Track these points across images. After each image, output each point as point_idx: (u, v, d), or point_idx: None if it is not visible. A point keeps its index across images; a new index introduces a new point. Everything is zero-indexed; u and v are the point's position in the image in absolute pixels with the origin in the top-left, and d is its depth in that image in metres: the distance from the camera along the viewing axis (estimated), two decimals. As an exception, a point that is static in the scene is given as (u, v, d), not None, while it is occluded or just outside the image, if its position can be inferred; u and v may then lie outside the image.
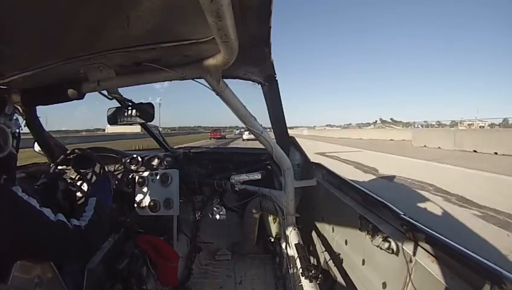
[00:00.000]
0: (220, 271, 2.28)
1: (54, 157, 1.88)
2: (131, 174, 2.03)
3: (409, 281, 0.85)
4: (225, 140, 31.43)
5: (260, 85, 1.75)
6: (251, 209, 2.14)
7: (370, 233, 1.07)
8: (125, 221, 1.69)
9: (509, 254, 2.95)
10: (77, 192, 1.56)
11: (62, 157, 1.70)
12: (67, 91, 1.35)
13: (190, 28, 0.92)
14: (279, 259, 2.16)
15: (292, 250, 1.52)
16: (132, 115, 1.48)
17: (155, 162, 2.13)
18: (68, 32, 0.92)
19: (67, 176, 1.66)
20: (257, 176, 1.92)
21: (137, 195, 1.87)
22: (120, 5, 0.78)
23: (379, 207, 1.12)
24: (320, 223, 1.79)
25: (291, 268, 1.59)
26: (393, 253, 0.95)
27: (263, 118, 1.75)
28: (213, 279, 2.18)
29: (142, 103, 1.49)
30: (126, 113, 1.49)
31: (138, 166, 2.11)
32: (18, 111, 1.06)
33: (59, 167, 1.73)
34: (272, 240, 2.22)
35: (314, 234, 1.87)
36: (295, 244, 1.49)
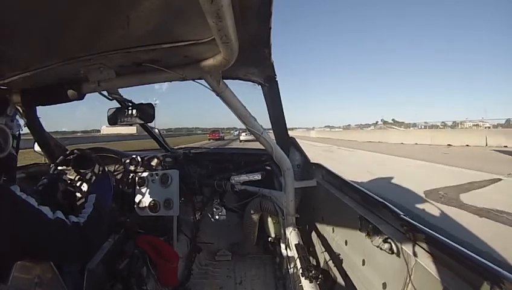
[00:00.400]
0: (220, 271, 2.28)
1: (54, 157, 1.88)
2: (131, 174, 2.03)
3: (409, 281, 0.85)
4: (222, 141, 31.22)
5: (260, 86, 1.76)
6: (251, 209, 2.14)
7: (370, 233, 1.07)
8: (125, 221, 1.69)
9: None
10: (77, 192, 1.56)
11: (62, 157, 1.71)
12: (67, 92, 1.35)
13: (190, 29, 0.92)
14: (279, 259, 2.16)
15: (292, 250, 1.52)
16: (132, 116, 1.49)
17: (155, 162, 2.13)
18: (68, 32, 0.92)
19: (66, 177, 1.67)
20: (257, 177, 1.92)
21: (137, 195, 1.87)
22: (120, 6, 0.78)
23: (379, 207, 1.12)
24: (320, 223, 1.79)
25: (291, 268, 1.59)
26: (393, 253, 0.95)
27: (263, 119, 1.75)
28: (213, 279, 2.18)
29: (142, 104, 1.49)
30: (126, 113, 1.50)
31: (138, 166, 2.11)
32: (18, 111, 1.05)
33: (59, 168, 1.73)
34: (272, 241, 2.22)
35: (314, 235, 1.87)
36: (295, 244, 1.49)
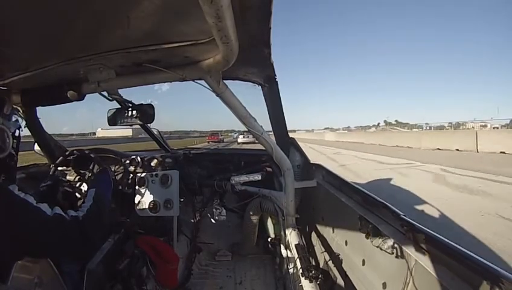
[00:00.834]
0: (220, 272, 2.28)
1: (54, 158, 1.88)
2: (131, 175, 2.03)
3: (409, 281, 0.85)
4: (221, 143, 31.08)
5: (260, 86, 1.76)
6: (251, 210, 2.14)
7: (370, 234, 1.07)
8: (125, 221, 1.69)
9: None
10: (77, 193, 1.56)
11: (62, 158, 1.71)
12: (67, 92, 1.35)
13: (190, 29, 0.92)
14: (279, 260, 2.16)
15: (292, 251, 1.52)
16: (132, 116, 1.49)
17: (155, 163, 2.13)
18: (68, 32, 0.92)
19: (66, 177, 1.67)
20: (257, 177, 1.92)
21: (137, 196, 1.87)
22: (120, 6, 0.78)
23: (379, 208, 1.12)
24: (320, 223, 1.79)
25: (291, 269, 1.59)
26: (393, 253, 0.95)
27: (264, 120, 1.75)
28: (213, 279, 2.18)
29: (142, 104, 1.49)
30: (126, 114, 1.50)
31: (138, 167, 2.11)
32: (18, 112, 1.06)
33: (59, 168, 1.73)
34: (272, 241, 2.22)
35: (314, 235, 1.87)
36: (295, 244, 1.49)
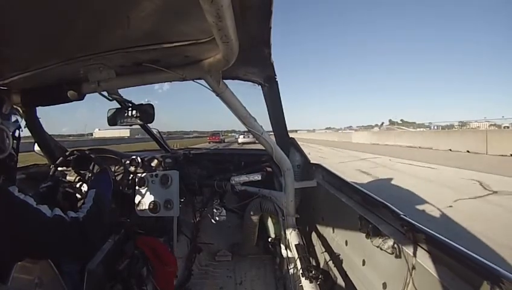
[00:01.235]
0: (220, 272, 2.28)
1: (54, 158, 1.88)
2: (131, 175, 2.03)
3: (409, 281, 0.85)
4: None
5: (260, 86, 1.76)
6: (251, 210, 2.14)
7: (370, 234, 1.07)
8: (125, 222, 1.69)
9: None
10: (77, 193, 1.56)
11: (62, 158, 1.70)
12: (67, 92, 1.35)
13: (190, 29, 0.92)
14: (279, 260, 2.16)
15: (292, 251, 1.52)
16: (132, 116, 1.49)
17: (155, 163, 2.13)
18: (68, 32, 0.92)
19: (66, 178, 1.67)
20: (257, 177, 1.92)
21: (137, 196, 1.86)
22: (120, 5, 0.78)
23: (379, 208, 1.12)
24: (320, 223, 1.79)
25: (291, 269, 1.59)
26: (393, 253, 0.95)
27: (264, 120, 1.75)
28: (213, 280, 2.18)
29: (142, 104, 1.49)
30: (126, 114, 1.50)
31: (138, 167, 2.11)
32: (18, 112, 1.06)
33: (59, 169, 1.73)
34: (272, 241, 2.22)
35: (314, 235, 1.87)
36: (295, 245, 1.49)
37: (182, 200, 2.02)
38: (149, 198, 1.83)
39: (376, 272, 1.06)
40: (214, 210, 2.10)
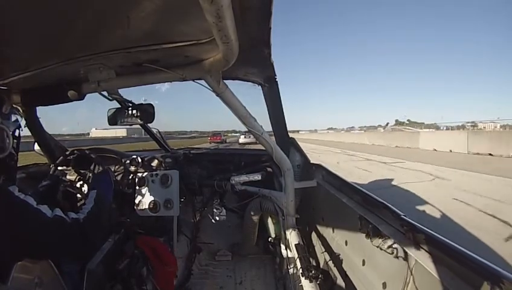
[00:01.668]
0: (220, 272, 2.28)
1: (54, 158, 1.88)
2: (131, 175, 2.03)
3: (409, 281, 0.85)
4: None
5: (260, 86, 1.76)
6: (251, 210, 2.14)
7: (370, 234, 1.07)
8: (125, 221, 1.69)
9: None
10: (77, 193, 1.56)
11: (62, 158, 1.70)
12: (67, 92, 1.35)
13: (190, 29, 0.92)
14: (279, 260, 2.16)
15: (292, 251, 1.52)
16: (132, 116, 1.49)
17: (155, 162, 2.13)
18: (68, 32, 0.92)
19: (67, 177, 1.67)
20: (257, 177, 1.92)
21: (137, 196, 1.86)
22: (120, 6, 0.78)
23: (379, 208, 1.12)
24: (320, 223, 1.79)
25: (291, 269, 1.59)
26: (393, 253, 0.95)
27: (263, 120, 1.75)
28: (213, 279, 2.18)
29: (142, 104, 1.49)
30: (126, 114, 1.50)
31: (138, 167, 2.11)
32: (18, 112, 1.06)
33: (59, 168, 1.73)
34: (272, 241, 2.22)
35: (314, 235, 1.87)
36: (295, 244, 1.49)
37: (182, 200, 2.02)
38: (149, 198, 1.83)
39: (376, 272, 1.06)
40: (214, 210, 2.10)
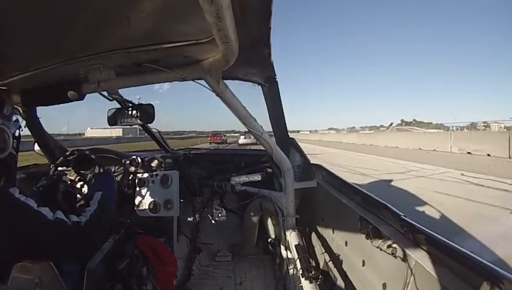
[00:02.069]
0: (220, 272, 2.28)
1: (54, 158, 1.88)
2: (131, 175, 2.02)
3: (409, 282, 0.85)
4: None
5: (260, 86, 1.76)
6: (251, 210, 2.14)
7: (370, 234, 1.07)
8: (125, 222, 1.68)
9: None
10: (77, 193, 1.56)
11: (62, 158, 1.70)
12: (67, 92, 1.35)
13: (190, 29, 0.92)
14: (279, 260, 2.16)
15: (292, 251, 1.52)
16: (132, 116, 1.49)
17: (155, 163, 2.13)
18: (68, 32, 0.92)
19: (67, 178, 1.66)
20: (257, 178, 1.92)
21: (137, 196, 1.86)
22: (120, 6, 0.78)
23: (379, 208, 1.12)
24: (320, 224, 1.78)
25: (291, 269, 1.59)
26: (393, 254, 0.95)
27: (263, 120, 1.75)
28: (213, 280, 2.18)
29: (142, 104, 1.49)
30: (126, 114, 1.50)
31: (138, 167, 2.11)
32: (18, 112, 1.06)
33: (59, 168, 1.73)
34: (272, 242, 2.22)
35: (314, 235, 1.87)
36: (295, 245, 1.48)
37: (182, 200, 2.02)
38: (149, 198, 1.83)
39: (376, 273, 1.06)
40: (214, 210, 2.10)
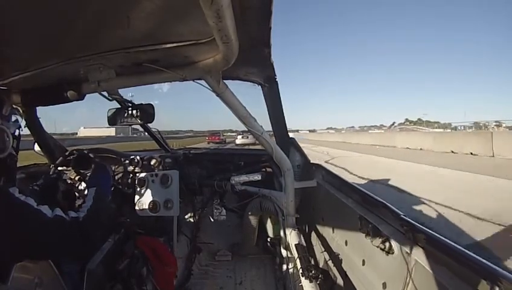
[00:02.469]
0: (220, 272, 2.28)
1: (54, 158, 1.88)
2: (131, 175, 2.03)
3: (409, 281, 0.85)
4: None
5: (260, 86, 1.76)
6: (251, 210, 2.14)
7: (370, 234, 1.07)
8: (125, 222, 1.69)
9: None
10: (77, 193, 1.56)
11: (61, 158, 1.70)
12: (67, 92, 1.35)
13: (190, 29, 0.92)
14: (279, 260, 2.16)
15: (292, 250, 1.52)
16: (132, 116, 1.49)
17: (155, 162, 2.13)
18: (68, 32, 0.92)
19: (67, 177, 1.67)
20: (257, 177, 1.92)
21: (137, 196, 1.87)
22: (120, 6, 0.78)
23: (379, 208, 1.12)
24: (320, 223, 1.79)
25: (291, 269, 1.59)
26: (393, 253, 0.95)
27: (263, 120, 1.75)
28: (213, 280, 2.18)
29: (142, 104, 1.49)
30: (126, 114, 1.50)
31: (138, 167, 2.11)
32: (18, 112, 1.05)
33: (59, 168, 1.73)
34: (272, 241, 2.22)
35: (314, 235, 1.87)
36: (295, 244, 1.49)
37: (182, 200, 2.02)
38: (149, 198, 1.83)
39: (376, 272, 1.06)
40: (214, 210, 2.10)
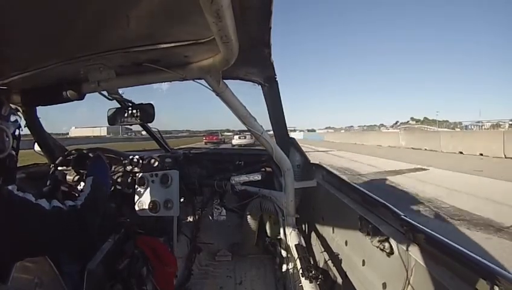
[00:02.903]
0: (220, 272, 2.28)
1: (54, 158, 1.88)
2: (131, 175, 2.02)
3: (409, 281, 0.85)
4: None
5: (260, 86, 1.76)
6: (251, 210, 2.14)
7: (370, 234, 1.07)
8: (125, 221, 1.69)
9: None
10: (77, 193, 1.56)
11: (61, 158, 1.70)
12: (67, 92, 1.35)
13: (190, 29, 0.93)
14: (279, 260, 2.16)
15: (292, 251, 1.52)
16: (132, 116, 1.49)
17: (155, 162, 2.13)
18: (68, 32, 0.92)
19: (66, 177, 1.67)
20: (257, 177, 1.92)
21: (137, 196, 1.87)
22: (120, 6, 0.78)
23: (379, 208, 1.12)
24: (320, 223, 1.79)
25: (291, 269, 1.59)
26: (393, 254, 0.95)
27: (263, 120, 1.75)
28: (213, 279, 2.18)
29: (142, 104, 1.49)
30: (126, 113, 1.50)
31: (138, 167, 2.11)
32: (18, 112, 1.05)
33: (59, 168, 1.73)
34: (272, 241, 2.22)
35: (314, 235, 1.87)
36: (295, 244, 1.49)
37: (182, 200, 2.02)
38: (149, 198, 1.83)
39: (376, 272, 1.06)
40: (214, 210, 2.10)
